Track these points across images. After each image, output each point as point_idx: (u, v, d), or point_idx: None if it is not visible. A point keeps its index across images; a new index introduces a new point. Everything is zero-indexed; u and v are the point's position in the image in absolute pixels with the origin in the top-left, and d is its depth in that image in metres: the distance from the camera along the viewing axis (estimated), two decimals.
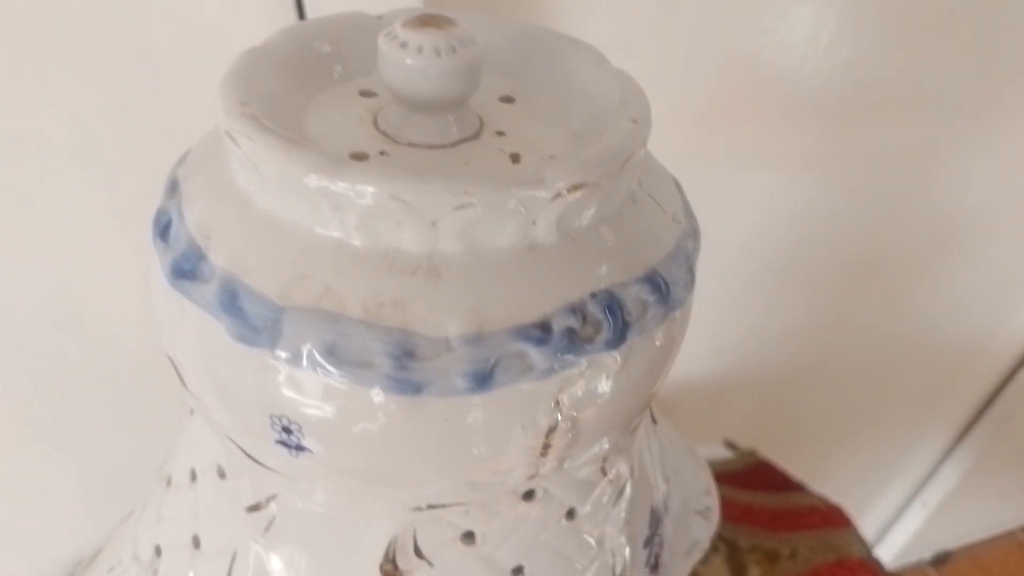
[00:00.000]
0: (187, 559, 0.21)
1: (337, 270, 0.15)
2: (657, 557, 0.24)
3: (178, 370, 0.17)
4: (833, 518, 0.60)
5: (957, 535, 1.25)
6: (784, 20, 0.48)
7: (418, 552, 0.18)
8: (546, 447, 0.16)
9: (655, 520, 0.23)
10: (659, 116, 0.49)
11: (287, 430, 0.15)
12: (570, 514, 0.19)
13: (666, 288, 0.16)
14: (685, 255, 0.17)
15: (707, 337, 0.68)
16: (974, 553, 1.31)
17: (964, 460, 0.99)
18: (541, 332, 0.15)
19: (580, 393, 0.15)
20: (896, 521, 1.13)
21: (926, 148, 0.60)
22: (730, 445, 0.66)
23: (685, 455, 0.30)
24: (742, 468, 0.64)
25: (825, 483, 0.65)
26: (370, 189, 0.14)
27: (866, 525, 0.99)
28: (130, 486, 0.31)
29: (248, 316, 0.15)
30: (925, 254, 0.70)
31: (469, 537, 0.18)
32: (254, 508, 0.19)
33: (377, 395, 0.14)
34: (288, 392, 0.15)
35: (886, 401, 0.88)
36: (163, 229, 0.16)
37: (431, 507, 0.17)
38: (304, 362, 0.14)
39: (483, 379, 0.14)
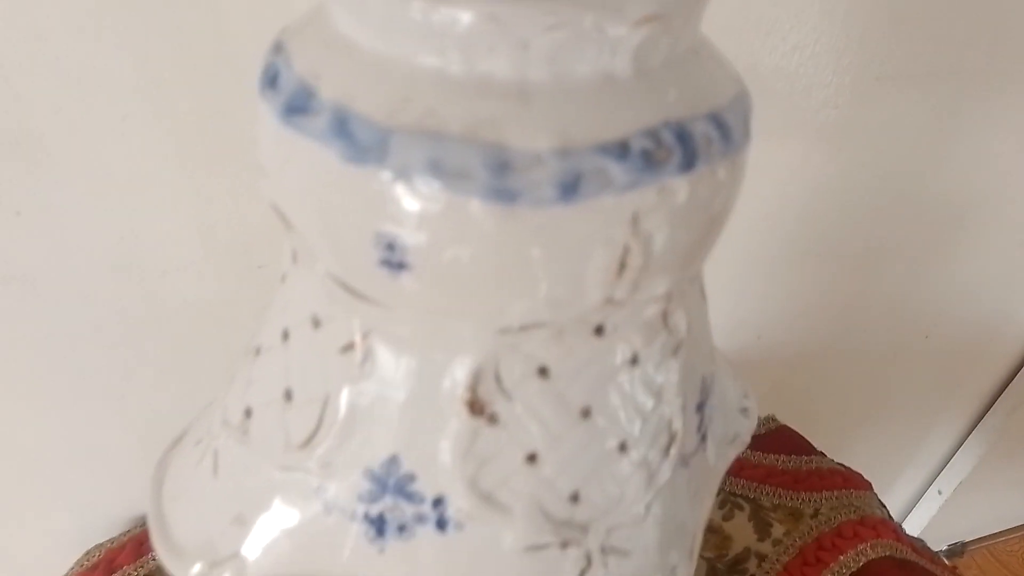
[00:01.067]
0: (278, 414, 0.22)
1: (437, 94, 0.16)
2: (707, 428, 0.25)
3: (284, 214, 0.19)
4: (854, 480, 0.62)
5: (972, 527, 1.25)
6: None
7: (499, 383, 0.20)
8: (623, 266, 0.18)
9: (705, 390, 0.24)
10: None
11: (390, 247, 0.17)
12: (634, 360, 0.21)
13: (728, 129, 0.18)
14: (742, 108, 0.19)
15: (726, 310, 0.70)
16: (990, 545, 1.31)
17: (977, 448, 0.99)
18: (620, 150, 0.16)
19: (654, 212, 0.17)
20: (910, 512, 1.13)
21: (941, 124, 0.61)
22: None
23: (723, 359, 0.31)
24: (764, 433, 0.66)
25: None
26: (468, 14, 0.16)
27: None
28: None
29: (357, 138, 0.17)
30: (940, 234, 0.72)
31: (544, 373, 0.20)
32: (348, 348, 0.20)
33: (475, 205, 0.16)
34: (393, 208, 0.17)
35: (899, 385, 0.89)
36: (271, 79, 0.18)
37: (513, 330, 0.19)
38: (409, 177, 0.16)
39: (570, 189, 0.16)
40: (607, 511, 0.22)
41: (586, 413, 0.21)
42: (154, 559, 0.56)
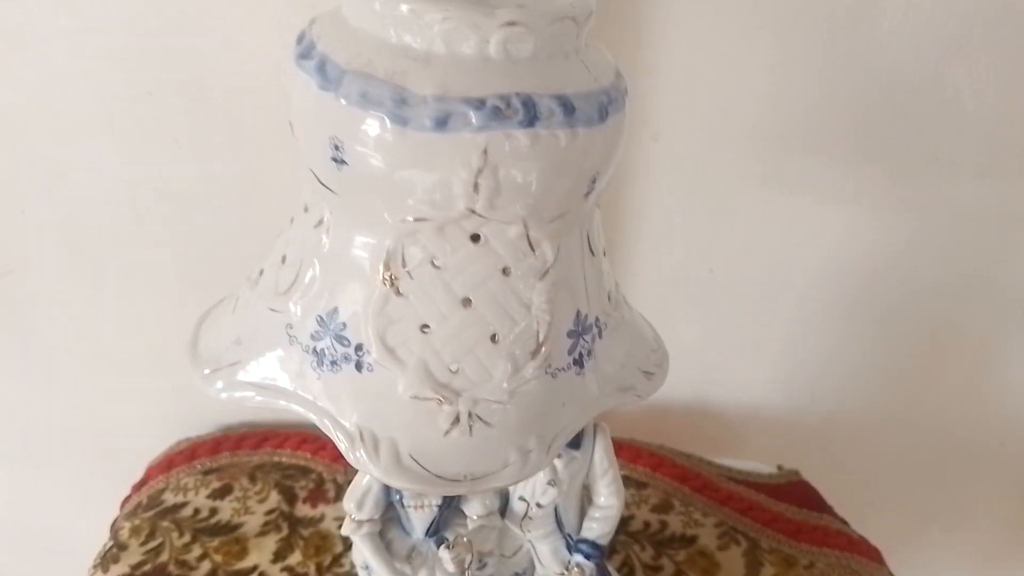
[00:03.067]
0: (275, 272, 0.33)
1: (377, 53, 0.26)
2: (581, 356, 0.33)
3: (293, 126, 0.30)
4: (861, 547, 0.63)
5: None
6: (861, 60, 0.56)
7: (404, 263, 0.29)
8: (477, 184, 0.26)
9: (579, 323, 0.32)
10: (743, 133, 0.59)
11: (337, 147, 0.27)
12: (505, 271, 0.29)
13: (572, 108, 0.27)
14: (598, 101, 0.28)
15: (778, 364, 0.74)
16: None
17: None
18: (479, 103, 0.25)
19: (500, 150, 0.26)
20: None
21: (1003, 215, 0.63)
22: (779, 467, 0.70)
23: (647, 335, 0.38)
24: (783, 483, 0.69)
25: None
26: (404, 6, 0.26)
27: None
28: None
29: (328, 74, 0.27)
30: (1012, 328, 0.71)
31: (435, 264, 0.29)
32: (318, 224, 0.30)
33: (384, 123, 0.26)
34: (340, 120, 0.27)
35: (969, 497, 0.86)
36: (299, 39, 0.29)
37: (410, 221, 0.28)
38: (350, 100, 0.26)
39: (442, 123, 0.25)
40: (477, 384, 0.30)
41: (467, 303, 0.29)
42: (226, 456, 0.68)
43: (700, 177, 0.62)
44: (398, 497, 0.40)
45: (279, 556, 0.62)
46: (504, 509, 0.44)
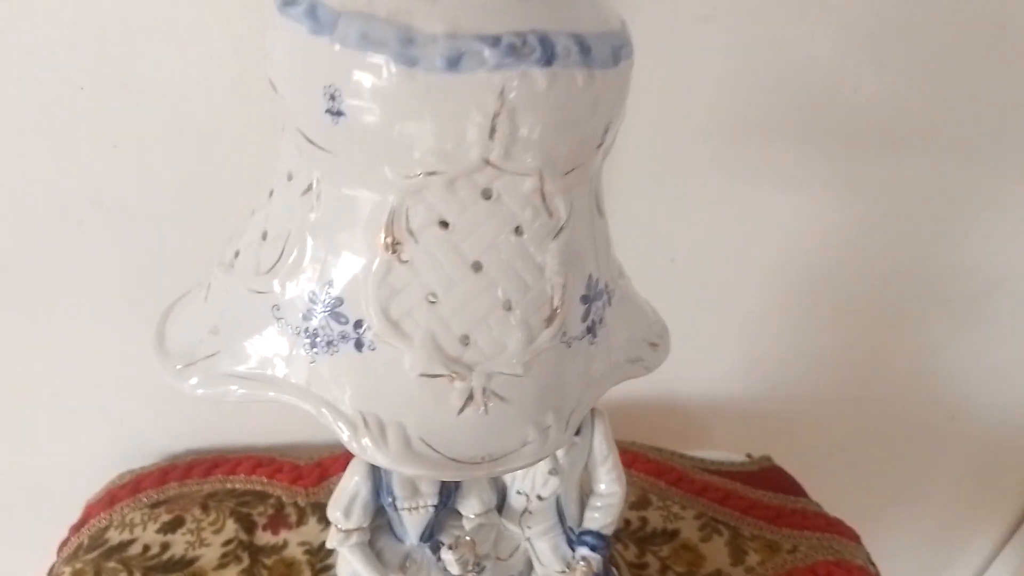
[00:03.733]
0: (255, 250, 0.30)
1: None
2: (594, 324, 0.31)
3: (274, 84, 0.27)
4: (839, 527, 0.63)
5: None
6: (809, 48, 0.56)
7: (408, 224, 0.26)
8: (493, 130, 0.24)
9: (591, 288, 0.30)
10: (699, 122, 0.59)
11: (332, 97, 0.25)
12: (518, 230, 0.27)
13: (588, 48, 0.25)
14: (612, 44, 0.26)
15: (739, 353, 0.73)
16: None
17: (1015, 558, 0.96)
18: (494, 40, 0.23)
19: (518, 91, 0.24)
20: None
21: (951, 192, 0.65)
22: (748, 456, 0.70)
23: (645, 307, 0.37)
24: (756, 470, 0.68)
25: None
26: None
27: None
28: None
29: (319, 18, 0.24)
30: (963, 309, 0.73)
31: (444, 225, 0.27)
32: (307, 191, 0.28)
33: (389, 65, 0.24)
34: (336, 66, 0.24)
35: (926, 471, 0.88)
36: None
37: (417, 176, 0.25)
38: (348, 43, 0.24)
39: (454, 62, 0.23)
40: (491, 358, 0.28)
41: (477, 267, 0.27)
42: (174, 486, 0.63)
43: (658, 167, 0.61)
44: (390, 500, 0.37)
45: None
46: (501, 506, 0.41)
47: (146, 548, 0.59)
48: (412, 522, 0.38)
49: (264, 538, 0.60)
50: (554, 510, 0.40)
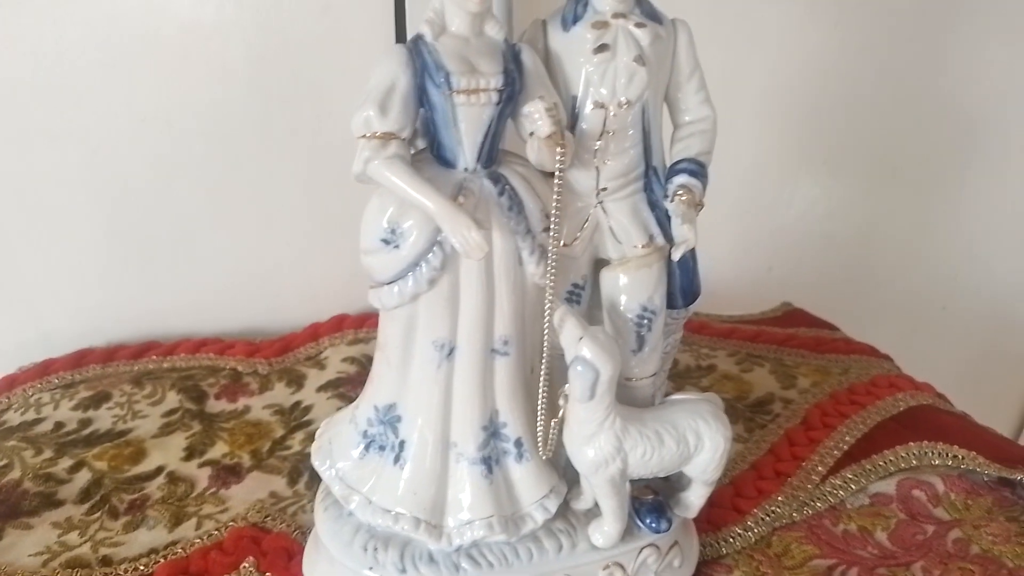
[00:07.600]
0: None
1: None
2: None
3: None
4: (880, 354, 0.56)
5: None
6: None
7: None
8: None
9: None
10: None
11: None
12: None
13: None
14: None
15: (735, 232, 0.68)
16: None
17: None
18: None
19: None
20: None
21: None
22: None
23: None
24: (781, 315, 0.61)
25: None
26: None
27: None
28: None
29: None
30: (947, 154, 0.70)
31: None
32: None
33: None
34: None
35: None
36: None
37: None
38: None
39: None
40: None
41: None
42: (94, 368, 0.50)
43: None
44: (442, 80, 0.28)
45: (194, 452, 0.44)
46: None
47: (59, 425, 0.45)
48: (469, 121, 0.29)
49: (218, 406, 0.48)
50: (639, 127, 0.31)
